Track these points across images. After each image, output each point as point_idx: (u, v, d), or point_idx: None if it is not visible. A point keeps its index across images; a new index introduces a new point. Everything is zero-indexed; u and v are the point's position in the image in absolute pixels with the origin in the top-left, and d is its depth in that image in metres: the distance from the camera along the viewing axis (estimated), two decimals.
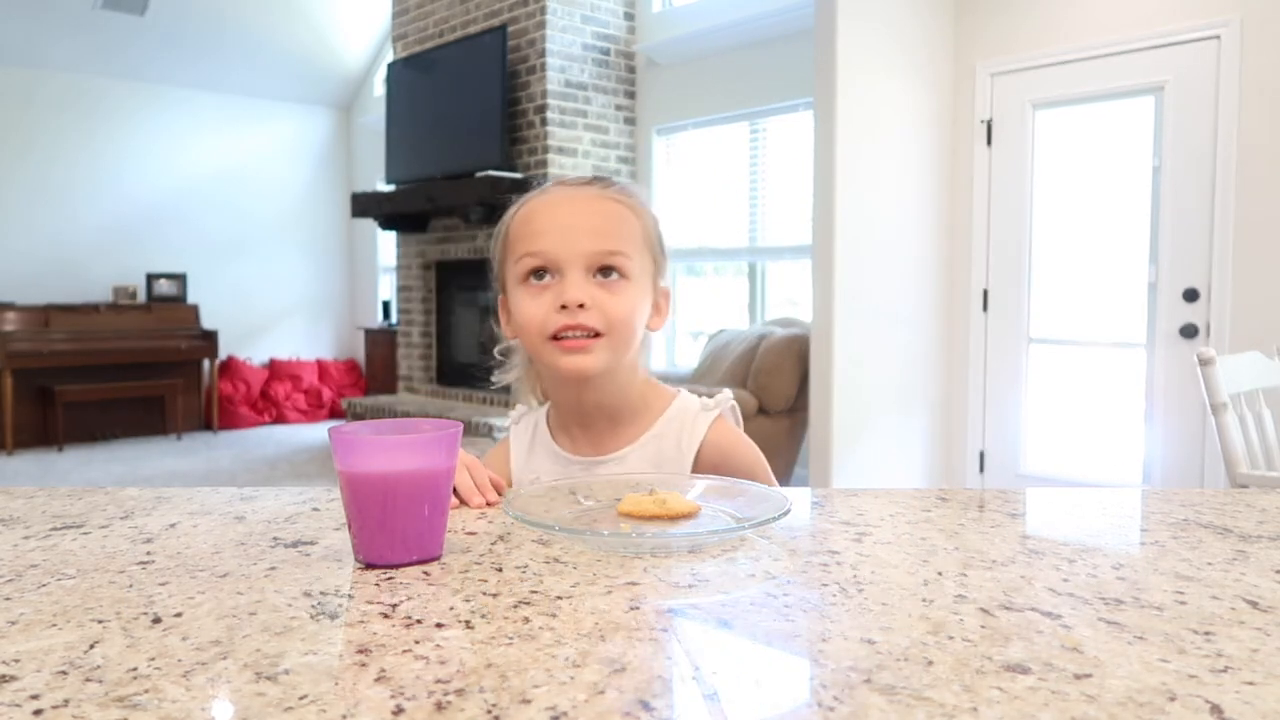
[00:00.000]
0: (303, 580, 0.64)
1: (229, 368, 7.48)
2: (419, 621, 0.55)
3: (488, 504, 0.88)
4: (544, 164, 5.49)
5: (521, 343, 1.04)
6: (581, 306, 0.95)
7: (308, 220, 8.12)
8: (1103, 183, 3.94)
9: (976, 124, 4.15)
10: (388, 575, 0.65)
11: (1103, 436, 4.01)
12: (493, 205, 5.49)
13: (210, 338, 7.05)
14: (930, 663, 0.49)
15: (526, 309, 0.98)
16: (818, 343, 3.84)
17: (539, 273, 0.98)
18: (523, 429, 1.12)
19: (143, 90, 7.22)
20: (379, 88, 7.53)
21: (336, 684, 0.46)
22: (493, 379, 1.11)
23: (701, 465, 1.02)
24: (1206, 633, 0.53)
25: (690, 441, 1.03)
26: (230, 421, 7.27)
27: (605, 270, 0.98)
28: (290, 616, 0.56)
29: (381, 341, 7.61)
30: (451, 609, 0.58)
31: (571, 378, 0.99)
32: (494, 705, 0.43)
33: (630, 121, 5.79)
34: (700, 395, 1.08)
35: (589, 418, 1.05)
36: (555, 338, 0.96)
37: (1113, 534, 0.79)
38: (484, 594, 0.61)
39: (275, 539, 0.76)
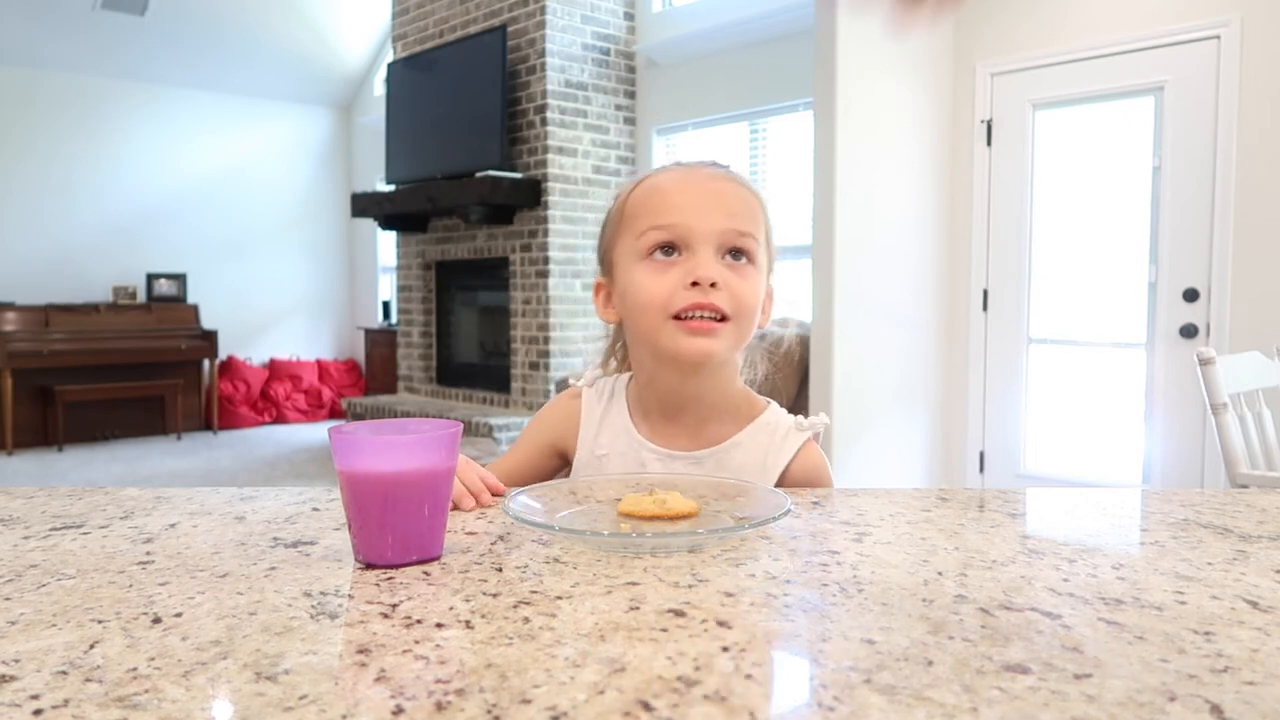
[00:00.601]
0: (303, 580, 0.64)
1: (229, 368, 7.48)
2: (419, 621, 0.55)
3: (481, 505, 0.86)
4: (544, 164, 5.49)
5: (632, 323, 0.97)
6: (714, 285, 0.90)
7: (308, 220, 8.12)
8: (1102, 183, 3.94)
9: (976, 124, 4.15)
10: (388, 575, 0.65)
11: (1103, 436, 4.01)
12: (493, 205, 5.50)
13: (210, 338, 7.05)
14: (930, 663, 0.49)
15: (648, 285, 0.92)
16: (818, 343, 3.84)
17: (666, 248, 0.92)
18: (595, 395, 1.05)
19: (142, 90, 7.22)
20: (379, 88, 7.53)
21: (336, 684, 0.46)
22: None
23: (784, 486, 0.97)
24: (1206, 633, 0.53)
25: (778, 459, 0.98)
26: (230, 421, 7.27)
27: (735, 253, 0.92)
28: (290, 616, 0.56)
29: (381, 341, 7.61)
30: (451, 609, 0.58)
31: (692, 361, 0.92)
32: (494, 705, 0.43)
33: (630, 121, 5.79)
34: (796, 415, 1.02)
35: (680, 409, 0.99)
36: (678, 317, 0.91)
37: (1113, 534, 0.79)
38: (484, 594, 0.61)
39: (275, 539, 0.76)
